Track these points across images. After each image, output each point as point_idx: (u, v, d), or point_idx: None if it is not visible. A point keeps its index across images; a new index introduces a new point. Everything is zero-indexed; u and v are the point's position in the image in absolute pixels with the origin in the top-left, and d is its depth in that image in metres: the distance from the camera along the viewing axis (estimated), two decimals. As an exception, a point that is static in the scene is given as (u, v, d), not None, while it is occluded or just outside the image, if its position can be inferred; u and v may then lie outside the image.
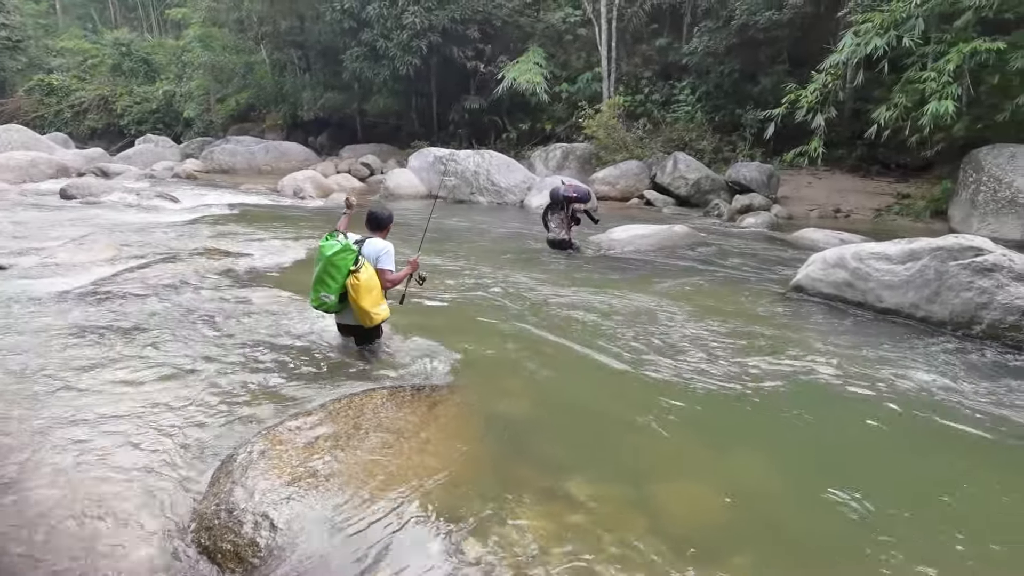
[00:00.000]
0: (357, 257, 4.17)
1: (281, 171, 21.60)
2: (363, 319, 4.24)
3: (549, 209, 9.19)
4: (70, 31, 42.22)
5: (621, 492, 3.02)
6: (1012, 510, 3.04)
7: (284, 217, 12.11)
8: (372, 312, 4.17)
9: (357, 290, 4.09)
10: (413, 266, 4.56)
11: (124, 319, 5.23)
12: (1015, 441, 3.61)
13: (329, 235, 4.29)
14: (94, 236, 8.52)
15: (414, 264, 4.56)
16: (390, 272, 4.34)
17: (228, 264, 7.39)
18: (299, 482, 2.84)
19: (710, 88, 19.72)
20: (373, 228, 4.53)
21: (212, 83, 30.74)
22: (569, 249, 9.13)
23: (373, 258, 4.29)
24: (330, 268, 4.14)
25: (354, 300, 4.14)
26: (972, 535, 2.82)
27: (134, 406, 3.69)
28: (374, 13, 21.99)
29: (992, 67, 11.77)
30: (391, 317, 4.50)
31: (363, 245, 4.32)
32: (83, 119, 35.02)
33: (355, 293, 4.11)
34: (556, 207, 9.06)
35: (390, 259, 4.35)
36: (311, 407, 3.60)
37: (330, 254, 4.13)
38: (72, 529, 2.66)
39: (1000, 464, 3.43)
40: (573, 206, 9.03)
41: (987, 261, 5.35)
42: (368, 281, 4.13)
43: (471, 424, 3.61)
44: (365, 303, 4.12)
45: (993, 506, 3.08)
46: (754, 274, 8.02)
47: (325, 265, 4.16)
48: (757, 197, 14.81)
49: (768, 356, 4.88)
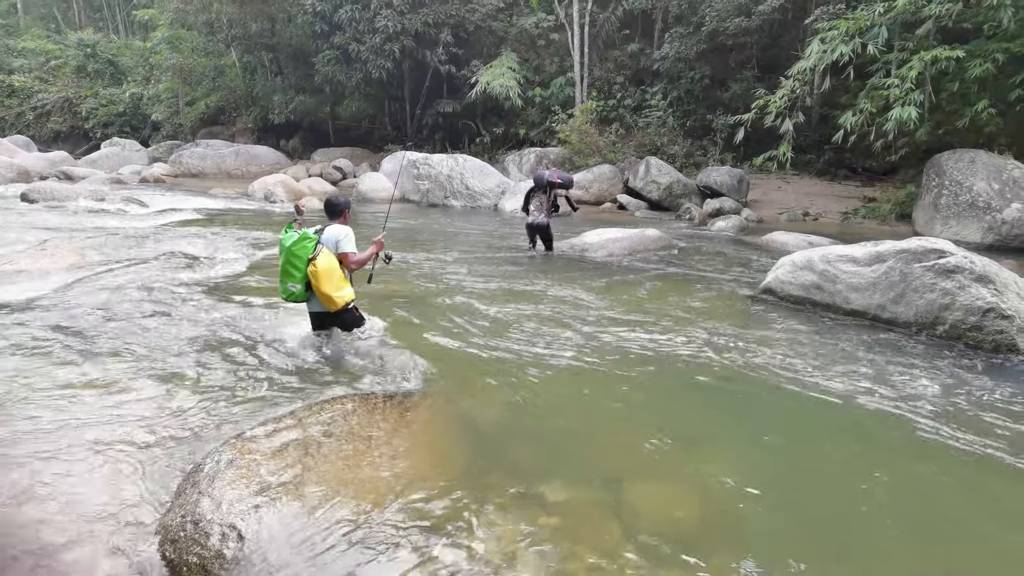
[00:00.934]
0: (315, 245, 4.34)
1: (252, 175, 21.35)
2: (327, 304, 4.40)
3: (531, 193, 9.38)
4: (32, 31, 41.17)
5: (595, 495, 3.02)
6: (975, 506, 3.10)
7: (254, 221, 11.94)
8: (334, 296, 4.35)
9: (317, 277, 4.27)
10: (378, 246, 4.71)
11: (87, 326, 5.10)
12: (973, 438, 3.69)
13: (287, 226, 4.44)
14: (57, 241, 8.30)
15: (379, 244, 4.71)
16: (353, 255, 4.50)
17: (195, 269, 7.26)
18: (268, 491, 2.79)
19: (681, 93, 19.97)
20: (331, 215, 4.67)
21: (181, 86, 30.18)
22: (545, 245, 9.25)
23: (333, 244, 4.44)
24: (292, 259, 4.33)
25: (316, 287, 4.32)
26: (940, 533, 2.87)
27: (96, 416, 3.59)
28: (346, 17, 21.86)
29: (952, 75, 12.13)
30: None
31: (322, 233, 4.47)
32: (46, 121, 34.13)
33: (315, 280, 4.29)
34: (538, 191, 9.25)
35: (350, 242, 4.50)
36: (280, 414, 3.54)
37: (289, 244, 4.32)
38: (29, 543, 2.57)
39: (965, 462, 3.51)
40: (555, 191, 9.16)
41: (949, 263, 5.48)
42: (327, 267, 4.29)
43: (443, 430, 3.58)
44: (327, 288, 4.30)
45: (956, 502, 3.14)
46: (724, 277, 8.12)
47: (287, 256, 4.34)
48: (728, 201, 15.02)
49: (738, 359, 4.94)
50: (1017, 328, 5.14)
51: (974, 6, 11.53)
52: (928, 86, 12.30)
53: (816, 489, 3.20)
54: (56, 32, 41.15)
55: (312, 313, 4.69)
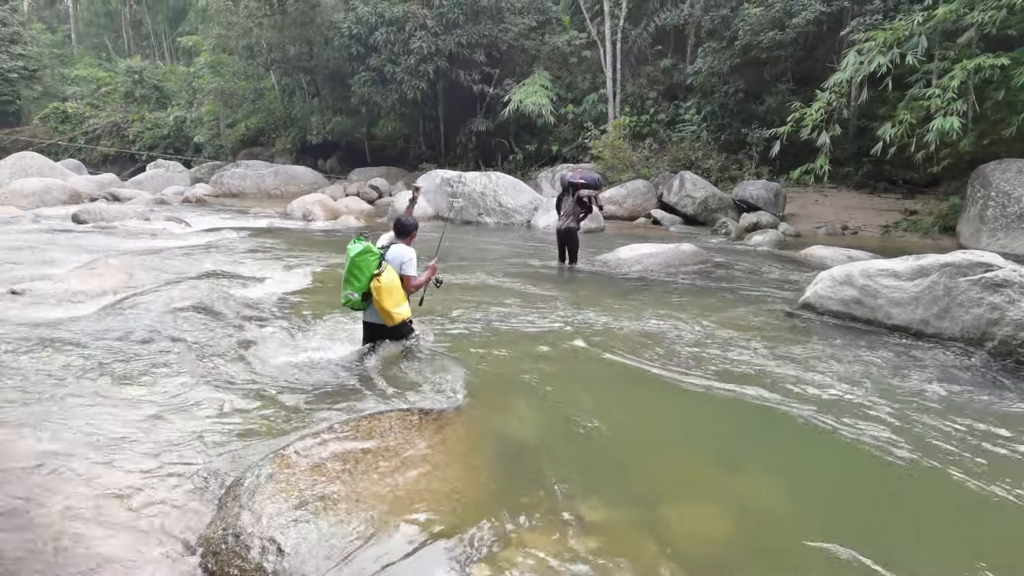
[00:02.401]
0: (380, 261, 4.61)
1: (290, 195, 21.83)
2: (385, 318, 4.69)
3: (560, 199, 9.47)
4: (84, 60, 43.10)
5: (631, 514, 3.00)
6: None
7: (293, 240, 12.21)
8: (393, 312, 4.64)
9: (379, 292, 4.54)
10: (432, 271, 5.03)
11: (134, 344, 5.27)
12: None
13: (356, 238, 4.72)
14: (105, 261, 8.60)
15: (432, 268, 5.03)
16: (413, 278, 4.80)
17: (238, 287, 7.44)
18: (307, 506, 2.83)
19: (715, 107, 19.86)
20: (399, 234, 4.95)
21: (222, 108, 31.18)
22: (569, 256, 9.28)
23: (397, 264, 4.72)
24: (354, 268, 4.59)
25: (377, 301, 4.59)
26: (992, 563, 2.77)
27: (143, 431, 3.70)
28: (381, 39, 22.35)
29: (997, 83, 11.83)
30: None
31: (388, 251, 4.76)
32: (96, 145, 35.54)
33: (377, 295, 4.56)
34: (565, 195, 9.33)
35: (413, 266, 4.79)
36: (319, 430, 3.59)
37: (354, 255, 4.58)
38: (79, 554, 2.66)
39: (1013, 481, 3.38)
40: (579, 192, 9.15)
41: (997, 276, 5.32)
42: (389, 284, 4.57)
43: (479, 447, 3.60)
44: (387, 303, 4.58)
45: (1010, 528, 3.03)
46: (762, 292, 7.99)
47: (350, 265, 4.60)
48: (764, 215, 14.82)
49: (777, 376, 4.85)
50: (1071, 344, 4.95)
51: (1019, 12, 11.24)
52: (971, 95, 12.01)
53: (855, 510, 3.11)
54: (107, 60, 43.03)
55: (366, 323, 4.95)
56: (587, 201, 9.30)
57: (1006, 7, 10.99)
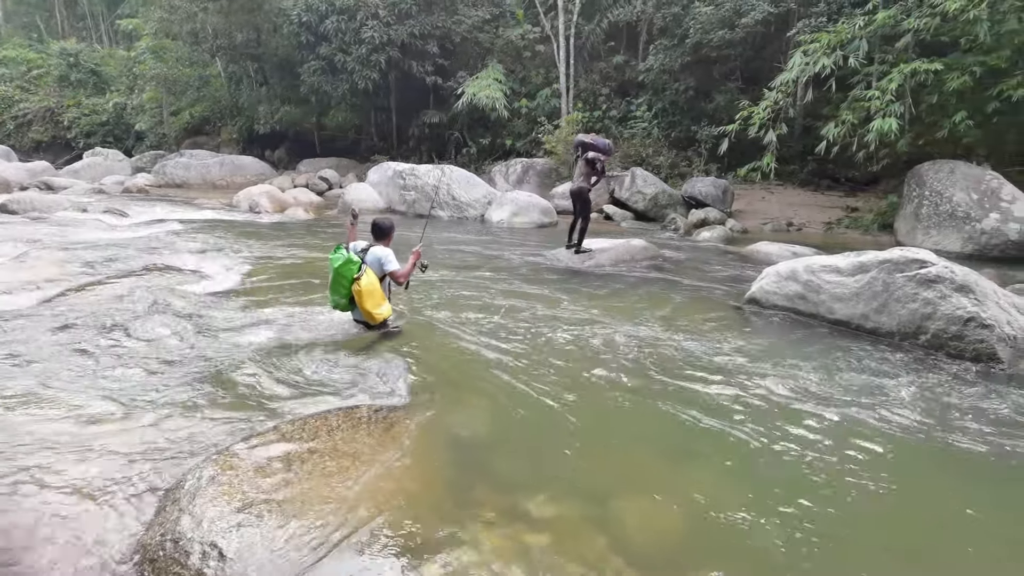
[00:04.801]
0: (359, 266, 4.98)
1: (237, 185, 21.23)
2: (368, 319, 5.18)
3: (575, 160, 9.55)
4: (13, 40, 40.77)
5: (581, 509, 3.01)
6: (954, 514, 3.12)
7: (239, 232, 11.85)
8: (374, 312, 5.11)
9: (360, 296, 4.99)
10: (417, 255, 5.32)
11: (67, 341, 5.02)
12: (953, 446, 3.73)
13: (336, 248, 5.08)
14: (37, 253, 8.19)
15: (417, 254, 5.32)
16: (399, 271, 5.15)
17: (179, 281, 7.19)
18: (250, 508, 2.75)
19: (666, 105, 20.14)
20: (377, 237, 5.32)
21: (165, 96, 30.01)
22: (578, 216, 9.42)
23: (377, 265, 5.12)
24: (338, 278, 5.01)
25: (360, 303, 5.05)
26: (931, 546, 2.89)
27: (76, 432, 3.52)
28: (332, 27, 21.88)
29: (931, 87, 12.34)
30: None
31: (367, 254, 5.12)
32: (27, 131, 33.77)
33: (359, 298, 5.01)
34: (579, 157, 9.35)
35: (393, 261, 5.16)
36: (263, 429, 3.50)
37: (337, 266, 4.97)
38: (5, 565, 2.51)
39: (942, 470, 3.53)
40: (588, 153, 9.19)
41: (930, 273, 5.54)
42: (369, 287, 4.99)
43: (429, 445, 3.56)
44: (368, 306, 5.04)
45: (945, 514, 3.16)
46: (710, 287, 8.15)
47: (334, 275, 5.02)
48: (712, 211, 15.12)
49: (721, 368, 4.95)
50: (997, 337, 5.20)
51: (951, 20, 11.73)
52: (908, 98, 12.50)
53: (801, 502, 3.20)
54: (38, 41, 40.82)
55: (355, 320, 5.42)
56: (597, 164, 9.24)
57: (939, 15, 11.46)
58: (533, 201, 15.64)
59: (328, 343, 5.17)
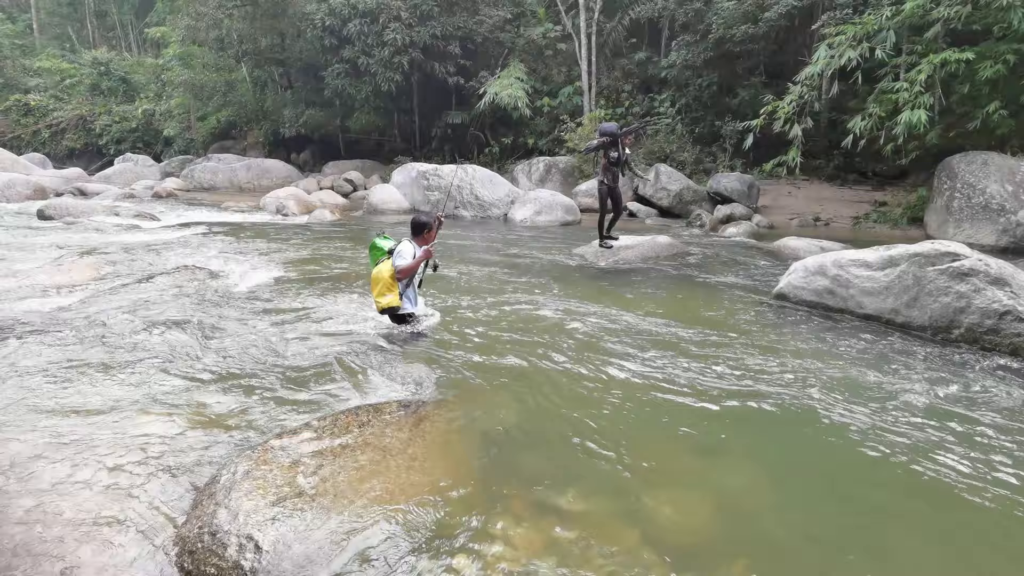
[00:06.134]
0: (383, 256, 5.26)
1: (263, 188, 21.55)
2: (376, 304, 5.29)
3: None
4: (47, 51, 41.87)
5: (612, 504, 3.01)
6: (990, 523, 3.07)
7: (266, 235, 12.03)
8: (377, 299, 5.24)
9: (372, 280, 5.25)
10: (426, 254, 5.31)
11: (104, 341, 5.15)
12: (992, 442, 3.66)
13: (377, 235, 5.44)
14: (73, 257, 8.40)
15: (427, 253, 5.31)
16: (401, 265, 5.15)
17: (210, 282, 7.32)
18: (284, 502, 2.80)
19: (689, 101, 20.00)
20: (412, 232, 5.43)
21: (192, 101, 30.62)
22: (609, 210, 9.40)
23: (395, 256, 5.23)
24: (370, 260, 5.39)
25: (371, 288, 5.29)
26: (969, 547, 2.84)
27: (114, 430, 3.61)
28: (355, 30, 22.10)
29: (962, 77, 12.08)
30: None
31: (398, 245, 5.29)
32: (61, 139, 34.71)
33: (371, 282, 5.27)
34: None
35: (400, 258, 5.19)
36: (296, 426, 3.55)
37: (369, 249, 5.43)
38: (52, 557, 2.60)
39: (983, 470, 3.47)
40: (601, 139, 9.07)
41: (963, 266, 5.44)
42: (376, 274, 5.20)
43: (459, 440, 3.58)
44: (374, 292, 5.26)
45: (978, 507, 3.11)
46: (737, 283, 8.09)
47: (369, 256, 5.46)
48: (738, 207, 14.99)
49: (751, 365, 4.91)
50: (1035, 331, 5.09)
51: (983, 8, 11.47)
52: (938, 89, 12.25)
53: (834, 498, 3.17)
54: (71, 51, 41.89)
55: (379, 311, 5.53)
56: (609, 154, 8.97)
57: (971, 3, 11.22)
58: (556, 199, 15.64)
59: (357, 340, 5.25)
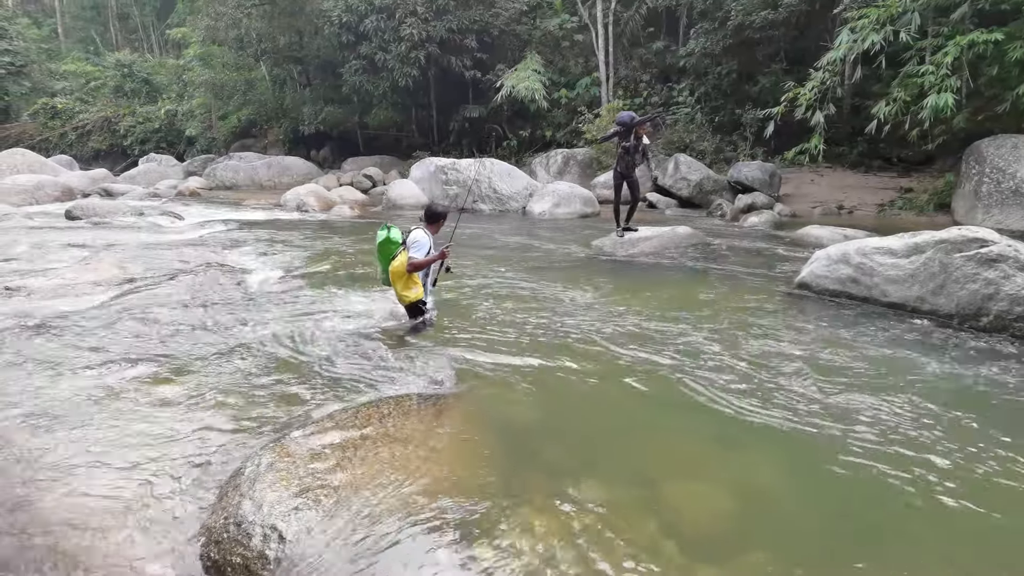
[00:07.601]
0: (398, 247, 5.07)
1: (284, 186, 21.74)
2: (399, 299, 5.28)
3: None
4: (72, 55, 42.71)
5: (631, 494, 3.01)
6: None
7: (288, 231, 12.16)
8: (401, 294, 5.20)
9: (392, 275, 5.12)
10: (441, 255, 5.25)
11: (131, 337, 5.26)
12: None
13: (383, 226, 5.21)
14: (100, 256, 8.56)
15: (443, 254, 5.25)
16: (414, 258, 5.03)
17: (234, 278, 7.42)
18: (307, 493, 2.84)
19: (709, 89, 19.76)
20: (426, 220, 5.35)
21: (213, 101, 30.99)
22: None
23: (411, 247, 5.07)
24: (378, 254, 5.18)
25: (392, 284, 5.18)
26: (989, 540, 2.80)
27: (142, 423, 3.70)
28: (372, 26, 22.17)
29: (991, 58, 11.78)
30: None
31: (408, 235, 5.12)
32: (87, 141, 35.37)
33: (392, 278, 5.14)
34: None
35: (417, 248, 5.06)
36: (318, 418, 3.60)
37: (378, 243, 5.15)
38: (81, 547, 2.67)
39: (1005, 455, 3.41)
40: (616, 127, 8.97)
41: (992, 252, 5.32)
42: (397, 269, 5.05)
43: (478, 431, 3.60)
44: (397, 287, 5.17)
45: (1006, 496, 3.05)
46: (759, 273, 8.00)
47: (377, 252, 5.19)
48: (760, 196, 14.80)
49: (773, 355, 4.87)
50: (1066, 317, 4.97)
51: (1012, -13, 11.19)
52: (965, 71, 11.97)
53: (855, 492, 3.13)
54: (95, 54, 42.65)
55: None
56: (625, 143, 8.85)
57: (999, -18, 10.95)
58: (575, 191, 15.57)
59: (377, 333, 5.30)
